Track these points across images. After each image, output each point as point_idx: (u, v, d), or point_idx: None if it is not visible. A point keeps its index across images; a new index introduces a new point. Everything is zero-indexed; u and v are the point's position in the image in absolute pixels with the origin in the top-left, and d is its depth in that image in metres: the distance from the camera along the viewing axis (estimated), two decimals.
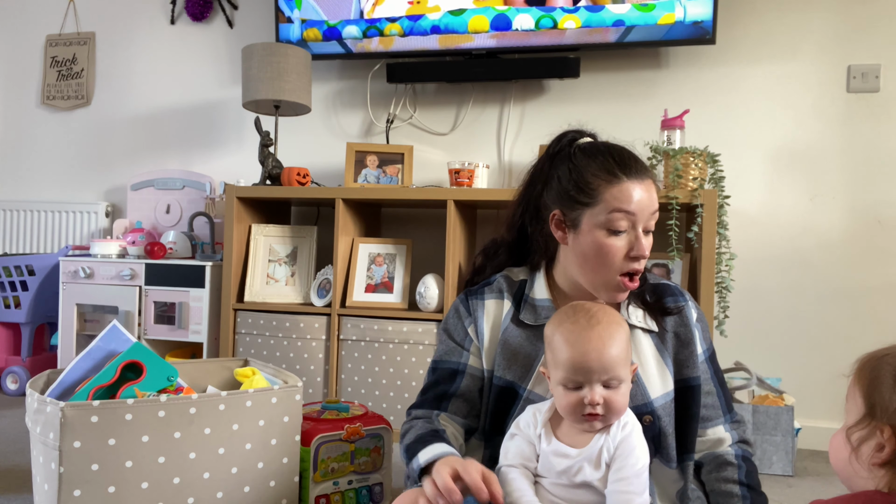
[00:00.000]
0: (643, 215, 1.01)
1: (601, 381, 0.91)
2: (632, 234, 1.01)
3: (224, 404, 1.34)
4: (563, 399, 0.93)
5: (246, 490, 1.37)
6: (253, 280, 2.45)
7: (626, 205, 0.99)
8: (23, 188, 3.21)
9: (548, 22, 2.38)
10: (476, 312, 1.10)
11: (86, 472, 1.19)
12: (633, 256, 1.00)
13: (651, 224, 1.03)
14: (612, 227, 1.00)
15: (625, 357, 0.93)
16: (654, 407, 1.01)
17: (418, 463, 0.93)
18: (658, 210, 1.04)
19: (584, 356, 0.91)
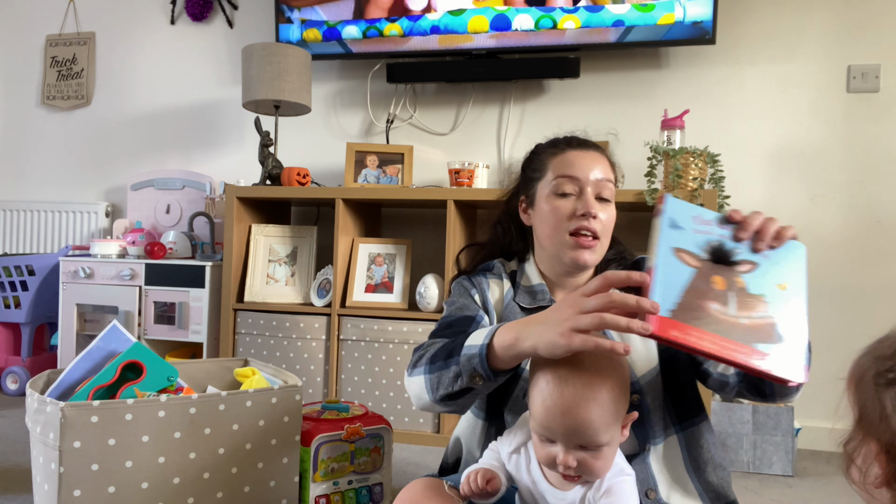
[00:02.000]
0: (588, 180, 1.07)
1: (575, 444, 0.80)
2: (581, 197, 1.07)
3: (224, 404, 1.34)
4: (537, 449, 0.84)
5: (246, 490, 1.37)
6: (253, 280, 2.45)
7: (568, 169, 1.08)
8: (23, 188, 3.21)
9: (547, 22, 2.38)
10: (481, 285, 1.14)
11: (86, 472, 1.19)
12: (581, 214, 1.05)
13: (603, 192, 1.07)
14: (558, 191, 1.08)
15: (608, 419, 0.80)
16: (640, 386, 1.00)
17: (480, 344, 0.87)
18: (609, 180, 1.09)
19: (552, 417, 0.80)
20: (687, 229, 0.83)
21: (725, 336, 0.77)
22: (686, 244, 0.82)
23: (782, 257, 0.84)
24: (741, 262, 0.82)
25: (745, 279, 0.82)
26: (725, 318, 0.78)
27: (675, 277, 0.79)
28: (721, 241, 0.83)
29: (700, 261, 0.81)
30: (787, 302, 0.81)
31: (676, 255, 0.81)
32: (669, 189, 2.04)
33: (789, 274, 0.83)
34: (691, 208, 0.85)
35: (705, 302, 0.79)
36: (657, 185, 2.06)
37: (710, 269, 0.81)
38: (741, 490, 1.85)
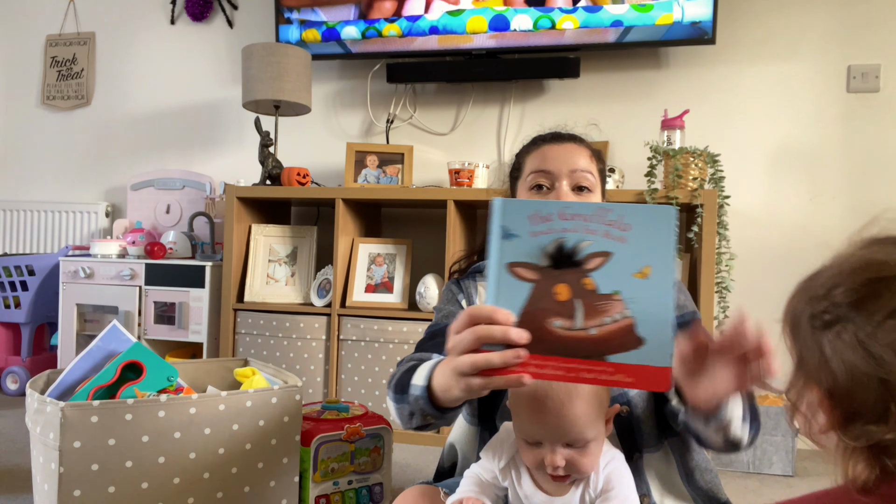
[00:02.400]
0: (561, 171, 1.05)
1: (562, 443, 0.80)
2: (554, 190, 1.05)
3: (224, 404, 1.34)
4: (524, 453, 0.84)
5: (246, 490, 1.37)
6: (253, 280, 2.45)
7: (541, 164, 1.07)
8: (23, 188, 3.21)
9: (546, 22, 2.38)
10: (468, 290, 1.13)
11: (86, 472, 1.19)
12: None
13: (579, 180, 1.05)
14: (532, 185, 1.07)
15: (592, 415, 0.80)
16: (628, 397, 0.98)
17: (420, 386, 0.84)
18: (587, 171, 1.06)
19: (537, 419, 0.80)
20: (522, 235, 0.71)
21: (572, 356, 0.69)
22: (521, 255, 0.71)
23: (644, 234, 0.70)
24: (590, 257, 0.71)
25: (596, 277, 0.71)
26: (570, 335, 0.70)
27: (511, 299, 0.70)
28: (563, 238, 0.71)
29: (538, 271, 0.71)
30: (650, 290, 0.70)
31: (510, 272, 0.71)
32: (670, 189, 2.04)
33: (653, 253, 0.70)
34: (528, 206, 0.72)
35: (546, 321, 0.70)
36: (657, 185, 2.06)
37: (551, 278, 0.71)
38: (741, 490, 1.85)
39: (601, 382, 0.69)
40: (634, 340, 0.69)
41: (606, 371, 0.69)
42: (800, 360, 0.58)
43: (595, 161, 1.10)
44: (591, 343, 0.69)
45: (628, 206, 0.71)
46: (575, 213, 0.71)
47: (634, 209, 0.71)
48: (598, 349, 0.69)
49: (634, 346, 0.69)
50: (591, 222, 0.71)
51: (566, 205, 0.72)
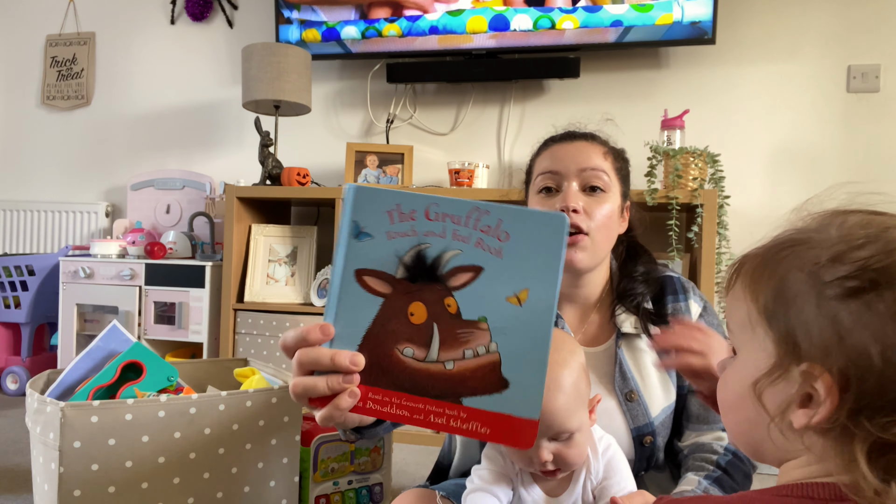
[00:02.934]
0: (570, 171, 0.98)
1: (546, 437, 0.77)
2: (562, 192, 0.99)
3: (224, 404, 1.34)
4: (513, 454, 0.81)
5: (246, 490, 1.37)
6: (253, 280, 2.45)
7: (549, 164, 1.01)
8: (23, 188, 3.21)
9: (546, 22, 2.38)
10: None
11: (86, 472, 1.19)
12: (560, 209, 0.95)
13: (590, 180, 0.98)
14: (540, 188, 1.01)
15: (573, 405, 0.77)
16: (654, 427, 0.95)
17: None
18: (599, 169, 0.98)
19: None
20: (377, 235, 0.58)
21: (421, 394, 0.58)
22: (373, 260, 0.58)
23: (526, 247, 0.57)
24: (456, 272, 0.58)
25: (460, 298, 0.58)
26: (422, 367, 0.58)
27: (355, 315, 0.59)
28: (425, 245, 0.58)
29: (391, 283, 0.59)
30: (525, 320, 0.57)
31: (358, 280, 0.58)
32: (670, 189, 2.04)
33: (534, 273, 0.57)
34: (387, 198, 0.58)
35: (394, 347, 0.58)
36: (657, 185, 2.06)
37: (406, 292, 0.58)
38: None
39: (451, 430, 0.58)
40: (497, 383, 0.58)
41: (459, 417, 0.58)
42: (789, 338, 0.47)
43: (612, 159, 1.01)
44: (446, 380, 0.58)
45: (510, 210, 0.58)
46: (444, 213, 0.57)
47: (517, 214, 0.57)
48: (453, 389, 0.58)
49: (496, 390, 0.58)
50: (462, 227, 0.57)
51: (435, 200, 0.58)
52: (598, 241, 0.97)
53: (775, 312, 0.48)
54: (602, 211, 0.97)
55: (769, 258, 0.50)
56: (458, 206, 0.58)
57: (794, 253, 0.49)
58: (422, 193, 0.59)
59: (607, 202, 0.98)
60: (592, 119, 1.12)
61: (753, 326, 0.49)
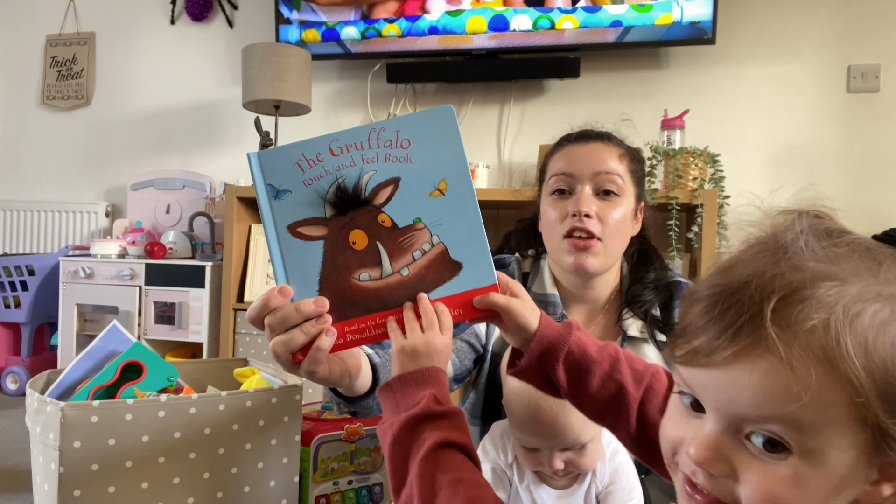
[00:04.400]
0: (583, 174, 0.97)
1: (557, 448, 0.78)
2: (575, 194, 0.98)
3: (224, 404, 1.34)
4: (522, 457, 0.82)
5: (246, 490, 1.37)
6: (253, 280, 2.45)
7: (562, 166, 0.99)
8: (23, 188, 3.21)
9: (545, 23, 2.38)
10: None
11: (86, 472, 1.19)
12: (572, 214, 0.96)
13: (604, 184, 0.97)
14: (553, 190, 1.00)
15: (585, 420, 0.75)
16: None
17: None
18: (613, 173, 0.97)
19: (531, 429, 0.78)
20: (294, 189, 0.61)
21: (390, 307, 0.62)
22: (300, 211, 0.61)
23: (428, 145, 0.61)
24: (378, 190, 0.61)
25: (390, 211, 0.61)
26: (382, 284, 0.62)
27: (305, 265, 0.61)
28: (343, 177, 0.61)
29: (325, 224, 0.61)
30: (452, 205, 0.61)
31: (293, 234, 0.61)
32: (670, 189, 2.04)
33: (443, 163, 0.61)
34: (291, 151, 0.61)
35: (350, 278, 0.61)
36: (657, 185, 2.06)
37: (342, 227, 0.61)
38: None
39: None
40: (451, 267, 0.62)
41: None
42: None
43: (626, 161, 1.00)
44: (407, 286, 0.61)
45: (401, 119, 0.61)
46: (347, 144, 0.60)
47: (408, 120, 0.61)
48: (415, 290, 0.62)
49: (453, 274, 0.62)
50: (368, 150, 0.60)
51: (333, 137, 0.61)
52: (609, 246, 0.97)
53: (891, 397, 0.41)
54: (615, 215, 0.96)
55: (829, 320, 0.41)
56: (356, 133, 0.61)
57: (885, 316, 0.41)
58: (318, 137, 0.61)
59: (620, 206, 0.97)
60: (609, 119, 1.11)
61: (841, 411, 0.41)
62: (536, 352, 0.64)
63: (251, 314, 0.63)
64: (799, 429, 0.41)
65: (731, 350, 0.43)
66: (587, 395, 0.65)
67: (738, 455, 0.43)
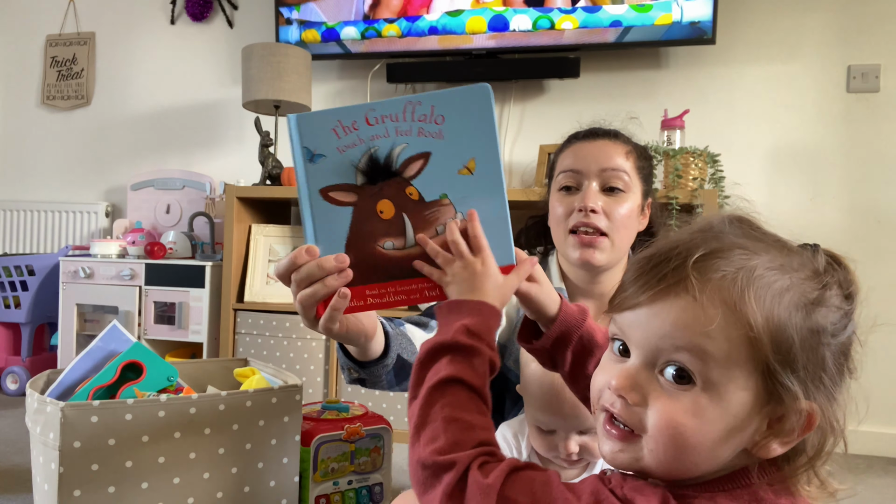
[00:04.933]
0: (590, 170, 1.00)
1: (575, 430, 0.80)
2: (582, 190, 1.00)
3: (224, 404, 1.34)
4: (536, 440, 0.83)
5: (246, 490, 1.37)
6: (253, 280, 2.45)
7: (570, 162, 1.02)
8: (23, 188, 3.21)
9: (545, 23, 2.38)
10: None
11: (86, 472, 1.19)
12: (578, 209, 0.99)
13: (610, 180, 0.99)
14: (561, 186, 1.02)
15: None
16: None
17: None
18: (620, 169, 1.00)
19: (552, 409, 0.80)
20: (329, 154, 0.62)
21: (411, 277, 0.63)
22: (332, 176, 0.63)
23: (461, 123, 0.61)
24: (408, 163, 0.63)
25: (418, 184, 0.63)
26: (405, 254, 0.64)
27: (331, 229, 0.63)
28: (376, 147, 0.62)
29: (355, 191, 0.63)
30: (479, 185, 0.62)
31: (325, 198, 0.63)
32: (670, 189, 2.04)
33: (475, 143, 0.62)
34: (327, 117, 0.62)
35: (375, 245, 0.63)
36: (657, 185, 2.06)
37: (371, 196, 0.63)
38: None
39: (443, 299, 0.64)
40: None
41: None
42: (796, 375, 0.49)
43: (633, 157, 1.02)
44: (428, 258, 0.63)
45: (437, 95, 0.61)
46: (382, 115, 0.61)
47: (444, 96, 0.61)
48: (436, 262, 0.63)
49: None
50: (402, 122, 0.61)
51: (371, 106, 0.61)
52: (616, 241, 1.00)
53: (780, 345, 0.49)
54: (621, 211, 0.99)
55: (737, 274, 0.50)
56: (393, 105, 0.62)
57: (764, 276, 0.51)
58: (356, 105, 0.63)
59: (627, 202, 1.00)
60: (615, 118, 1.12)
61: (739, 347, 0.49)
62: (552, 336, 0.69)
63: (279, 270, 0.65)
64: (703, 359, 0.49)
65: (657, 289, 0.51)
66: (583, 375, 0.70)
67: (651, 386, 0.51)
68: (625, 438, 0.52)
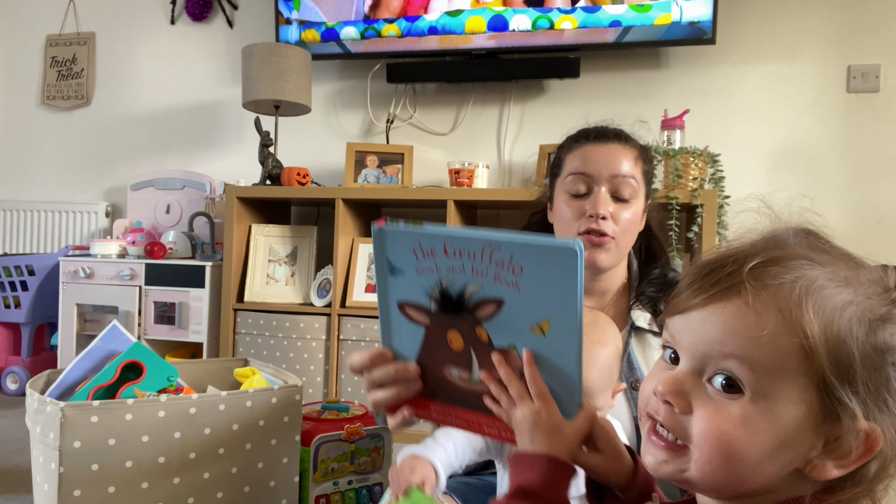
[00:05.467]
0: (601, 175, 1.01)
1: None
2: (592, 195, 1.01)
3: (224, 404, 1.34)
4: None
5: (246, 490, 1.37)
6: (253, 280, 2.45)
7: (581, 166, 1.02)
8: (23, 188, 3.21)
9: (545, 23, 2.38)
10: None
11: (86, 472, 1.19)
12: (589, 215, 1.00)
13: (620, 188, 1.01)
14: (570, 190, 1.03)
15: (603, 384, 0.81)
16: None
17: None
18: (630, 176, 1.01)
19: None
20: (408, 272, 0.61)
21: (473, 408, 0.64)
22: (410, 293, 0.62)
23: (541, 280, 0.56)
24: (481, 304, 0.60)
25: (489, 328, 0.60)
26: (469, 387, 0.64)
27: (408, 339, 0.64)
28: (450, 280, 0.60)
29: (428, 315, 0.62)
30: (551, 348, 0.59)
31: (402, 312, 0.63)
32: (670, 189, 2.04)
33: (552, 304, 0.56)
34: (411, 236, 0.60)
35: (442, 368, 0.64)
36: (657, 185, 2.06)
37: (442, 323, 0.62)
38: None
39: (503, 439, 0.64)
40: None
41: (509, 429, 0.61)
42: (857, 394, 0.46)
43: (641, 163, 1.04)
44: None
45: (519, 244, 0.56)
46: (460, 249, 0.58)
47: (526, 248, 0.56)
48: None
49: None
50: (478, 262, 0.57)
51: (449, 237, 0.58)
52: (621, 243, 1.03)
53: (839, 359, 0.46)
54: (628, 216, 1.02)
55: (796, 282, 0.48)
56: (472, 241, 0.58)
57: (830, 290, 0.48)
58: (439, 229, 0.59)
59: (633, 207, 1.02)
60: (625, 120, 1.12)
61: (793, 357, 0.46)
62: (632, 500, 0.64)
63: (353, 364, 0.69)
64: (753, 368, 0.46)
65: (709, 293, 0.49)
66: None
67: (698, 394, 0.49)
68: (670, 449, 0.50)
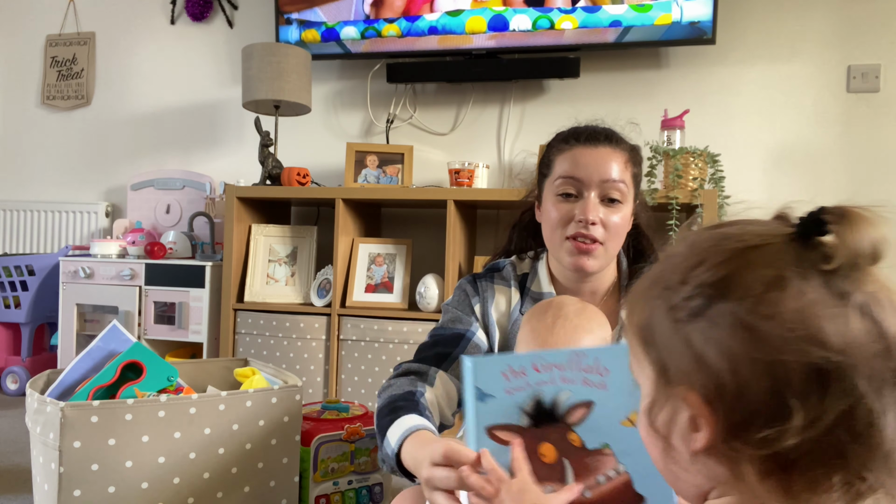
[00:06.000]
0: (591, 180, 1.00)
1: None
2: (582, 199, 1.01)
3: (224, 404, 1.34)
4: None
5: (246, 490, 1.37)
6: (253, 280, 2.45)
7: (571, 169, 1.01)
8: (23, 188, 3.21)
9: (545, 23, 2.38)
10: (485, 293, 1.09)
11: (86, 472, 1.19)
12: (578, 220, 1.00)
13: (610, 192, 1.00)
14: (560, 192, 1.02)
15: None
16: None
17: (391, 448, 0.86)
18: (619, 181, 1.00)
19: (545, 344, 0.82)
20: (497, 395, 0.66)
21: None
22: (499, 416, 0.66)
23: (625, 375, 0.60)
24: (572, 410, 0.65)
25: (581, 432, 0.65)
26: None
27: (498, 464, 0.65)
28: (540, 393, 0.66)
29: (519, 432, 0.66)
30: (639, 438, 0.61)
31: (490, 436, 0.66)
32: (670, 189, 2.04)
33: (637, 397, 0.60)
34: (499, 361, 0.67)
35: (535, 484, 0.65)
36: (657, 185, 2.06)
37: (534, 438, 0.65)
38: None
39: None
40: (633, 499, 0.64)
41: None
42: (661, 370, 0.47)
43: (630, 166, 1.03)
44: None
45: (603, 349, 0.67)
46: (549, 364, 0.65)
47: (609, 351, 0.66)
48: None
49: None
50: (567, 370, 0.65)
51: (538, 356, 0.66)
52: (609, 248, 1.02)
53: (647, 339, 0.48)
54: (616, 220, 1.01)
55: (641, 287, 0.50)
56: (560, 355, 0.66)
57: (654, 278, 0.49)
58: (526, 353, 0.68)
59: (622, 211, 1.02)
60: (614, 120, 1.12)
61: (639, 357, 0.49)
62: None
63: (450, 455, 0.68)
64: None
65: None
66: None
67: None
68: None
